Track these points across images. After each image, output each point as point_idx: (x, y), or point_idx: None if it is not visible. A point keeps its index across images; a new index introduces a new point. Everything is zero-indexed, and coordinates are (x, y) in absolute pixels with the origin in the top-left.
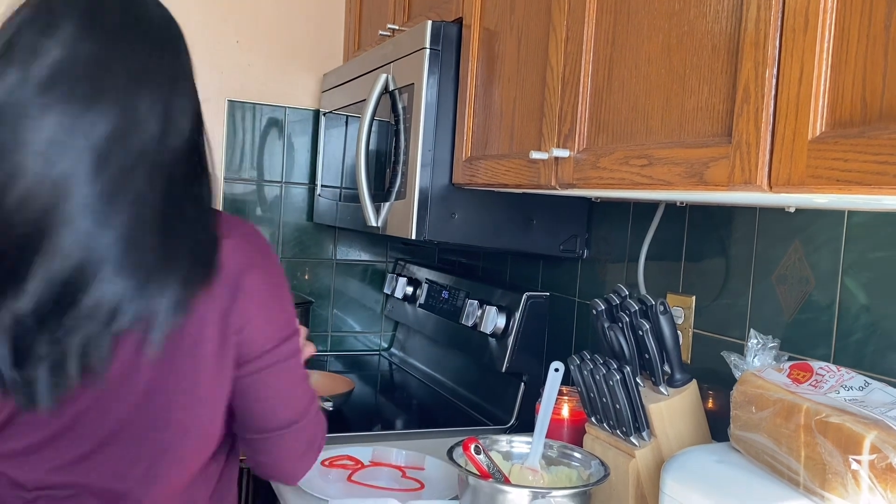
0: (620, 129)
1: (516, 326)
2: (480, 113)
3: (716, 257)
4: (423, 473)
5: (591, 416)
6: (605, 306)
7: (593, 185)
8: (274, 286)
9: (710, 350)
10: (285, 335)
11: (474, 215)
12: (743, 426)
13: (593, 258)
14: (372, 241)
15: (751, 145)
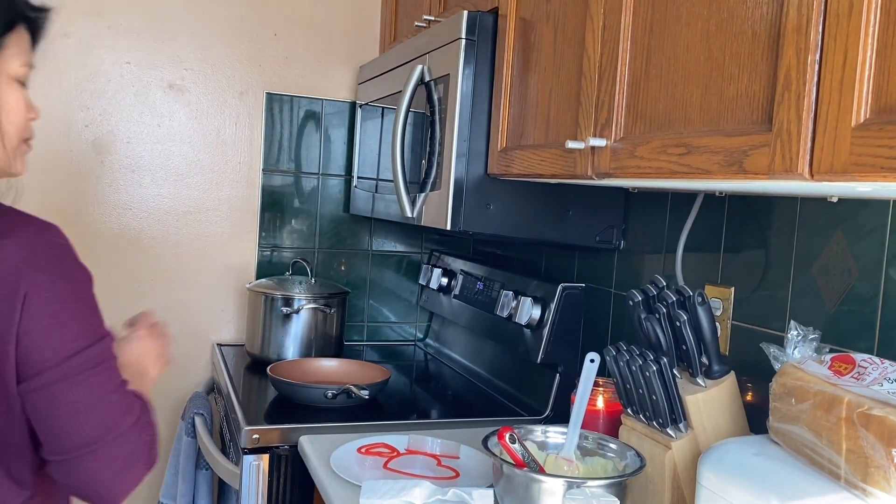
0: (658, 117)
1: (551, 318)
2: (516, 103)
3: (755, 248)
4: (458, 462)
5: (627, 408)
6: (641, 297)
7: (630, 174)
8: (63, 291)
9: (749, 342)
10: (79, 346)
11: (510, 206)
12: (782, 418)
13: (630, 249)
14: (407, 233)
15: (792, 133)
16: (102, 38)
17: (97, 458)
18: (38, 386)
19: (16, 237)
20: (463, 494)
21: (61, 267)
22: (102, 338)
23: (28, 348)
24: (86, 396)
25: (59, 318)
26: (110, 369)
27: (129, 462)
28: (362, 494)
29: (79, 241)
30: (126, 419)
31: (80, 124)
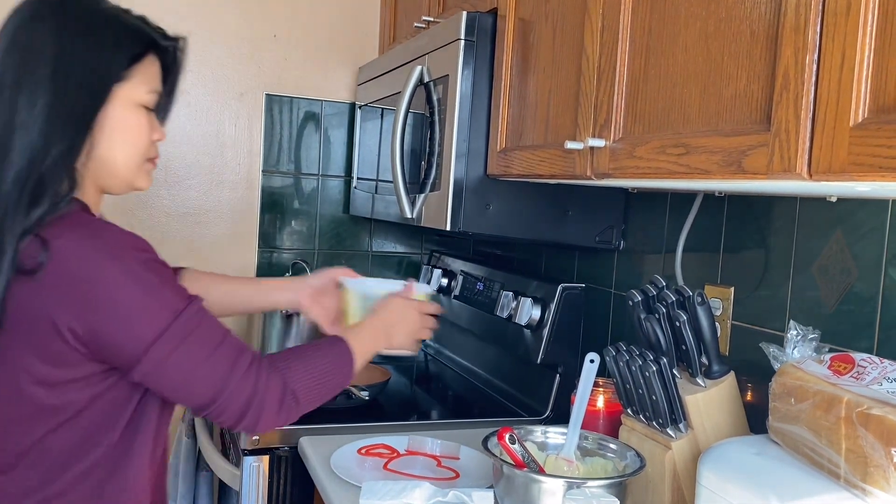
0: (657, 117)
1: (551, 318)
2: (515, 104)
3: (755, 248)
4: (458, 463)
5: (627, 408)
6: (641, 297)
7: (629, 174)
8: (127, 283)
9: (749, 342)
10: (160, 329)
11: (509, 207)
12: (782, 418)
13: (630, 249)
14: (407, 234)
15: (790, 132)
16: None
17: (224, 412)
18: (140, 374)
19: (70, 237)
20: (463, 496)
21: (117, 260)
22: (181, 312)
23: (117, 345)
24: (182, 371)
25: (129, 313)
26: (200, 337)
27: (256, 408)
28: (362, 495)
29: None
30: (234, 374)
31: None
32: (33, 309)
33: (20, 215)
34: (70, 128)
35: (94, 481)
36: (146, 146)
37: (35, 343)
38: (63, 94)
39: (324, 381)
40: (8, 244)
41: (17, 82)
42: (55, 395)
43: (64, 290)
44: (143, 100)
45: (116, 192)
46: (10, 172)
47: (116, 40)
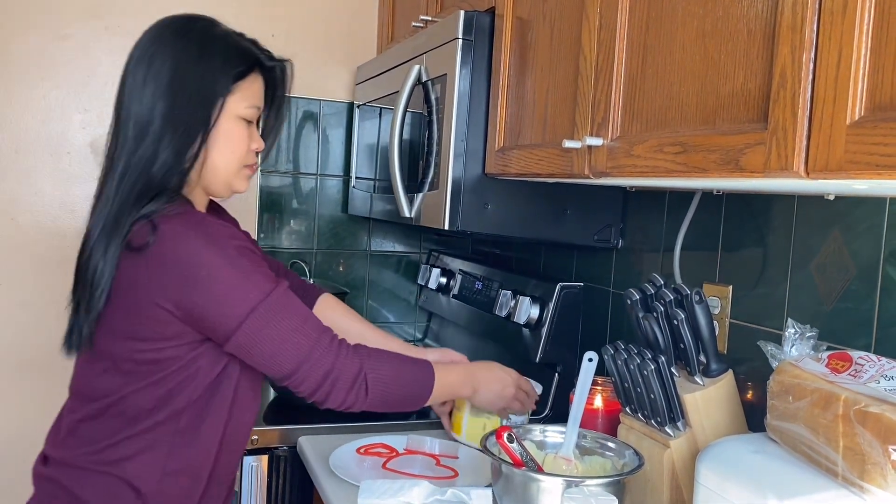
0: (654, 116)
1: (550, 317)
2: (513, 103)
3: (753, 246)
4: (457, 462)
5: (626, 407)
6: (639, 296)
7: (627, 173)
8: (223, 266)
9: (747, 340)
10: (251, 306)
11: (507, 206)
12: (780, 416)
13: (628, 248)
14: (406, 233)
15: (787, 131)
16: (100, 39)
17: (303, 382)
18: (233, 346)
19: (176, 223)
20: (461, 495)
21: (215, 245)
22: (269, 292)
23: (213, 319)
24: (271, 344)
25: (224, 291)
26: (287, 315)
27: (330, 382)
28: (360, 494)
29: (75, 242)
30: (316, 349)
31: (78, 126)
32: (138, 282)
33: (134, 209)
34: (181, 134)
35: (170, 430)
36: (244, 154)
37: (137, 311)
38: (177, 104)
39: (397, 386)
40: (120, 231)
41: (142, 89)
42: (151, 355)
43: (168, 268)
44: (243, 113)
45: (220, 195)
46: (129, 161)
47: (225, 59)
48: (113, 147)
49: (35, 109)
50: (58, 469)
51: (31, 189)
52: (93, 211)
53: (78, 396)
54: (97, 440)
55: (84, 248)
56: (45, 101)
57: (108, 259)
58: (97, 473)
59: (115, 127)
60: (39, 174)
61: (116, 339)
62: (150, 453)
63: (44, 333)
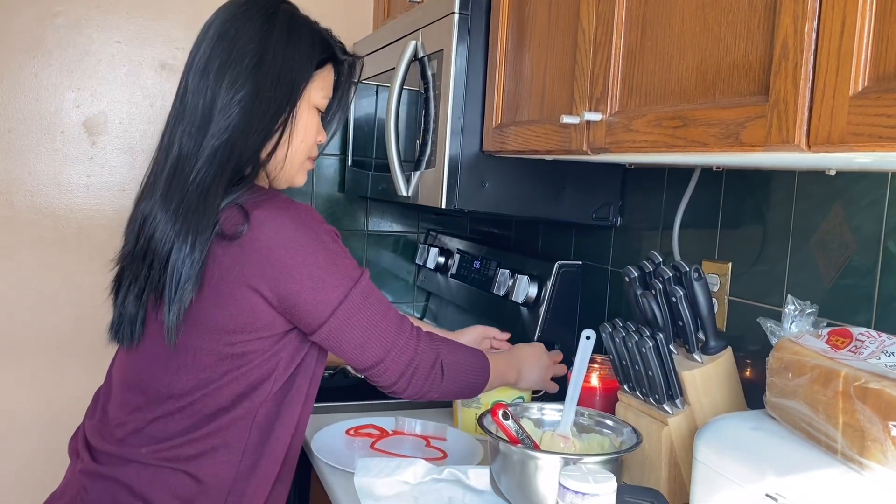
0: (653, 90)
1: (548, 296)
2: (511, 78)
3: (753, 223)
4: (447, 444)
5: (624, 384)
6: (637, 273)
7: (626, 148)
8: (316, 252)
9: (747, 317)
10: (343, 294)
11: (505, 183)
12: (779, 393)
13: (627, 226)
14: (404, 212)
15: (788, 103)
16: (92, 17)
17: (385, 372)
18: (325, 334)
19: (267, 208)
20: (458, 474)
21: (308, 230)
22: (358, 279)
23: (306, 306)
24: (361, 331)
25: (318, 277)
26: (374, 303)
27: (411, 371)
28: (357, 473)
29: (72, 223)
30: (400, 338)
31: (71, 104)
32: (232, 270)
33: (219, 193)
34: (266, 118)
35: (247, 425)
36: (312, 145)
37: (228, 301)
38: (263, 87)
39: (465, 374)
40: (208, 217)
41: (222, 68)
42: (238, 349)
43: (262, 255)
44: (318, 102)
45: (278, 186)
46: (209, 143)
47: (311, 44)
48: (179, 132)
49: (27, 88)
50: (116, 467)
51: (25, 169)
52: (147, 196)
53: (145, 394)
54: (168, 438)
55: (141, 234)
56: (36, 80)
57: (197, 248)
58: (167, 470)
59: (179, 111)
60: (33, 154)
61: (202, 332)
62: (224, 450)
63: (40, 313)
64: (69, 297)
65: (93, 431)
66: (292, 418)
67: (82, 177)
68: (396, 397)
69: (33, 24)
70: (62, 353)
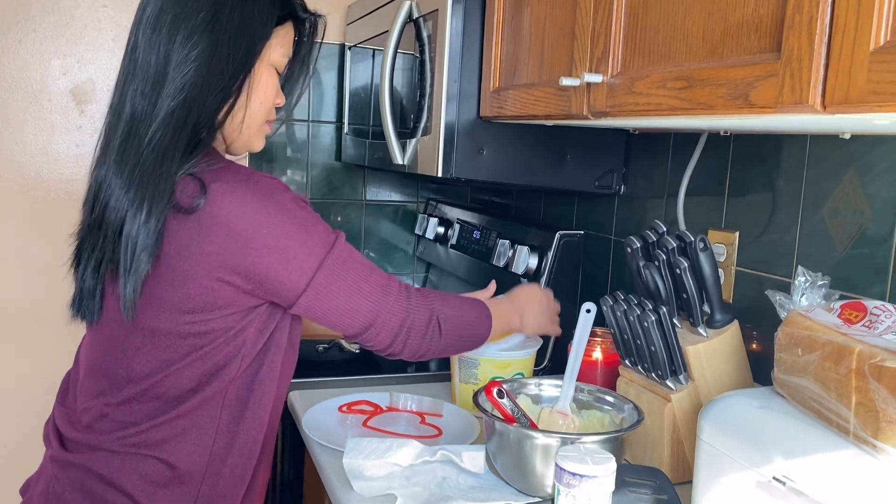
0: (657, 49)
1: (549, 267)
2: (509, 38)
3: (762, 190)
4: (442, 420)
5: (626, 359)
6: (640, 244)
7: (628, 111)
8: (282, 222)
9: (755, 289)
10: (318, 261)
11: (504, 151)
12: (788, 370)
13: (631, 194)
14: (403, 181)
15: (802, 60)
16: None
17: (377, 336)
18: (304, 306)
19: (225, 180)
20: (451, 456)
21: (273, 200)
22: (333, 244)
23: (279, 279)
24: (345, 297)
25: (289, 248)
26: (353, 266)
27: (406, 331)
28: (346, 453)
29: (60, 193)
30: (387, 299)
31: (58, 72)
32: (189, 247)
33: (176, 157)
34: (225, 77)
35: (217, 405)
36: (270, 107)
37: (186, 280)
38: (220, 43)
39: (467, 325)
40: (165, 184)
41: (175, 22)
42: (199, 327)
43: (222, 230)
44: (277, 62)
45: (236, 152)
46: (164, 104)
47: (270, 1)
48: (131, 91)
49: (11, 55)
50: (84, 454)
51: (11, 138)
52: (101, 161)
53: (105, 378)
54: (134, 423)
55: (96, 203)
56: (20, 46)
57: (153, 217)
58: (135, 456)
59: (129, 68)
60: (20, 123)
61: (159, 310)
62: (195, 432)
63: (30, 287)
64: (61, 270)
65: (61, 417)
66: (267, 396)
67: (71, 146)
68: (393, 372)
69: None
70: (53, 326)
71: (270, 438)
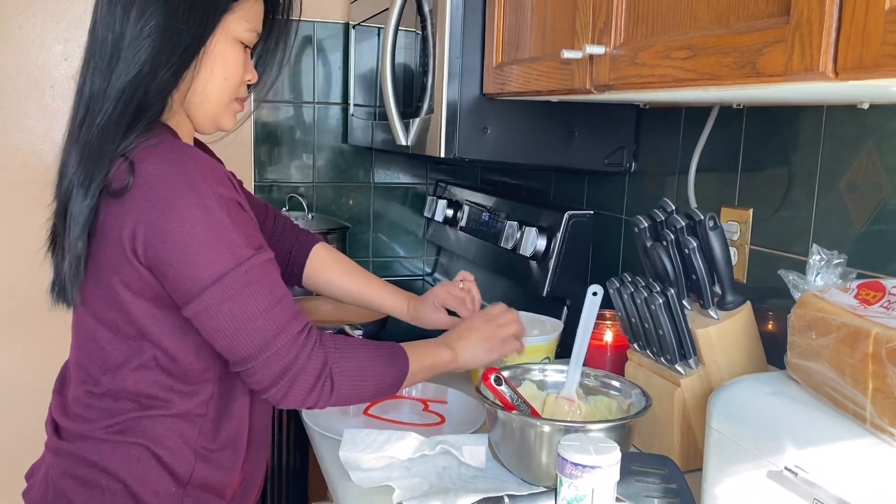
0: (661, 17)
1: (557, 248)
2: (511, 10)
3: (776, 165)
4: (446, 408)
5: (634, 343)
6: (648, 223)
7: (631, 84)
8: (193, 220)
9: (770, 268)
10: (218, 273)
11: (509, 129)
12: (801, 354)
13: (642, 172)
14: (411, 163)
15: (812, 23)
16: None
17: (255, 374)
18: (191, 313)
19: (155, 161)
20: (451, 449)
21: (193, 191)
22: (244, 261)
23: (175, 278)
24: (232, 321)
25: (192, 248)
26: (257, 292)
27: (289, 379)
28: (342, 446)
29: None
30: (279, 339)
31: (59, 57)
32: (115, 230)
33: (118, 135)
34: (178, 51)
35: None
36: (238, 83)
37: (120, 265)
38: (174, 16)
39: (366, 381)
40: (104, 163)
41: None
42: (139, 322)
43: (141, 213)
44: (242, 36)
45: (203, 130)
46: (118, 80)
47: None
48: (90, 69)
49: (13, 41)
50: (76, 442)
51: (14, 125)
52: (67, 143)
53: (85, 369)
54: (119, 413)
55: (60, 185)
56: (21, 32)
57: (89, 195)
58: (123, 444)
59: (91, 46)
60: (22, 109)
61: (108, 303)
62: (179, 420)
63: (38, 275)
64: None
65: (56, 406)
66: (244, 392)
67: None
68: None
69: None
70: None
71: (263, 422)
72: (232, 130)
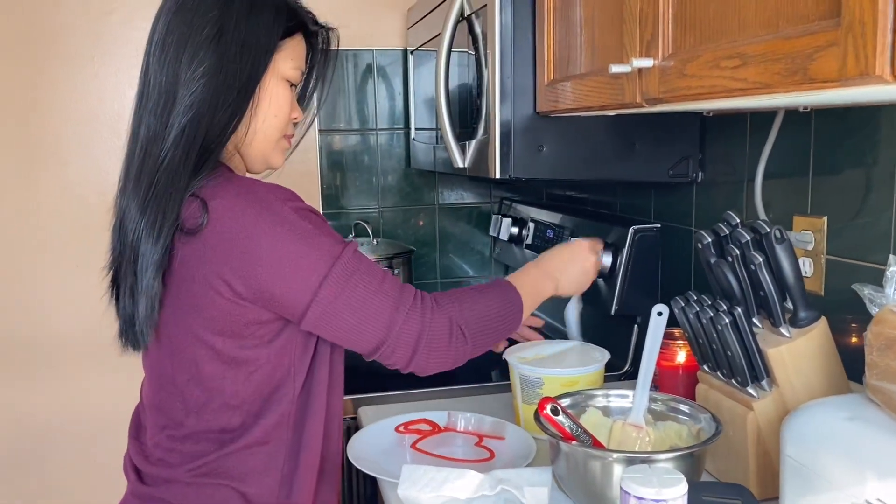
0: (708, 26)
1: (624, 264)
2: (561, 27)
3: (852, 168)
4: (501, 444)
5: (703, 364)
6: (712, 238)
7: (682, 96)
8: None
9: (848, 279)
10: (322, 275)
11: (565, 146)
12: (881, 375)
13: (710, 181)
14: (475, 183)
15: (866, 24)
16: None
17: (393, 353)
18: (311, 323)
19: (224, 196)
20: (513, 490)
21: (271, 212)
22: (339, 256)
23: (283, 296)
24: (351, 312)
25: (290, 262)
26: (361, 278)
27: (425, 345)
28: (401, 483)
29: None
30: (399, 313)
31: None
32: (199, 269)
33: (185, 176)
34: (233, 93)
35: (280, 428)
36: (286, 121)
37: (205, 303)
38: (226, 58)
39: (491, 322)
40: (174, 203)
41: (181, 41)
42: (234, 352)
43: (225, 248)
44: (288, 74)
45: (254, 169)
46: (175, 121)
47: (275, 12)
48: (145, 113)
49: (89, 89)
50: (161, 486)
51: (95, 169)
52: (123, 189)
53: (164, 413)
54: (202, 454)
55: (122, 230)
56: (97, 81)
57: (162, 235)
58: (209, 486)
59: (143, 90)
60: (102, 153)
61: (194, 340)
62: (263, 457)
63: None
64: None
65: (136, 452)
66: (320, 407)
67: None
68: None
69: (87, 24)
70: None
71: (334, 457)
72: (278, 168)
